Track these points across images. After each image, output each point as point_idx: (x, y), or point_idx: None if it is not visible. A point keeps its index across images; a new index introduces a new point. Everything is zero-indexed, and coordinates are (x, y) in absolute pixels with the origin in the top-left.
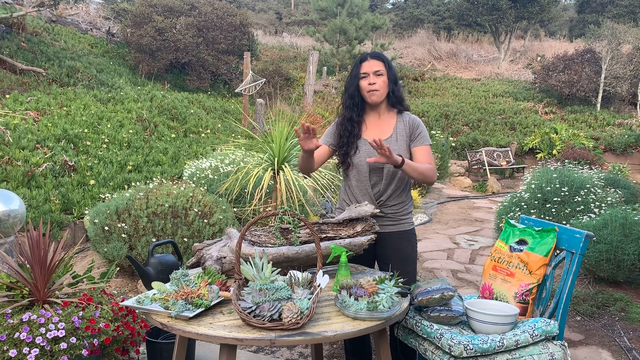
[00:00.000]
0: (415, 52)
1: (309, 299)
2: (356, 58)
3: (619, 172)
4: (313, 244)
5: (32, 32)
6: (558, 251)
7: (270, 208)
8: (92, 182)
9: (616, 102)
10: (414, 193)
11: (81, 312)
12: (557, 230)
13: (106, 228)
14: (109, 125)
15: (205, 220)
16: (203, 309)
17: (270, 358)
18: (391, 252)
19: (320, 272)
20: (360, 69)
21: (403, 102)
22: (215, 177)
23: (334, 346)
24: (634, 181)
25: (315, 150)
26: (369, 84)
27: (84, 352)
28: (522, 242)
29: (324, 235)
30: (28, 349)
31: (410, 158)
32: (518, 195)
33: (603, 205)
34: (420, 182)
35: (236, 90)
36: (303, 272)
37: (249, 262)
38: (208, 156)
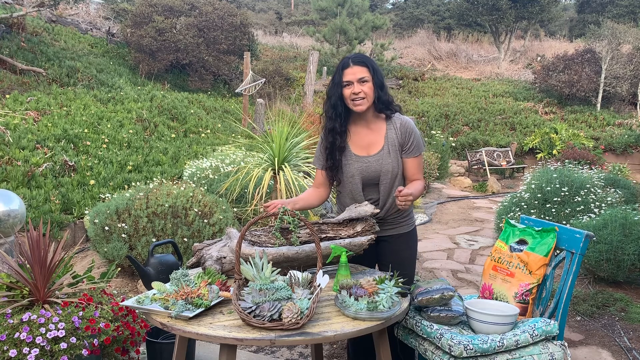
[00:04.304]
0: (415, 52)
1: (309, 299)
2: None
3: (619, 172)
4: (313, 244)
5: (32, 32)
6: (558, 251)
7: None
8: (92, 182)
9: (616, 102)
10: None
11: (81, 312)
12: (557, 230)
13: (106, 228)
14: (109, 125)
15: (205, 220)
16: (203, 309)
17: (270, 358)
18: (389, 254)
19: (320, 272)
20: (342, 76)
21: (391, 106)
22: (216, 177)
23: (334, 346)
24: (634, 181)
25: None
26: (353, 93)
27: (84, 352)
28: (522, 242)
29: (324, 235)
30: (28, 349)
31: (402, 167)
32: (518, 195)
33: (603, 205)
34: None
35: (236, 91)
36: (303, 272)
37: (249, 262)
38: (208, 156)
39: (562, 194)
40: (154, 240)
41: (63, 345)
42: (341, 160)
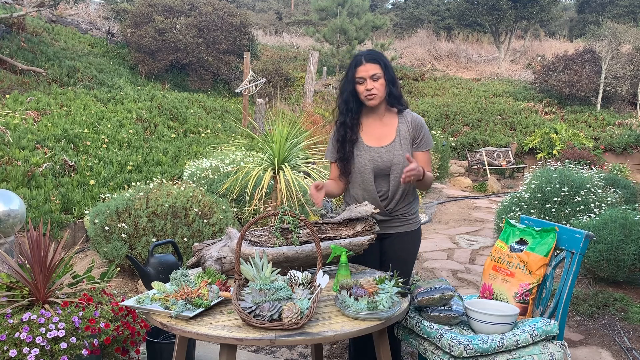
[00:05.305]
0: (415, 52)
1: (309, 299)
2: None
3: (619, 172)
4: (313, 244)
5: (32, 32)
6: (558, 251)
7: (270, 208)
8: (92, 182)
9: (616, 102)
10: None
11: (81, 312)
12: (557, 230)
13: (106, 228)
14: (109, 125)
15: (205, 220)
16: (203, 309)
17: (270, 358)
18: (394, 251)
19: (320, 272)
20: (355, 73)
21: (402, 100)
22: (216, 177)
23: (334, 346)
24: (634, 181)
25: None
26: (367, 90)
27: (84, 352)
28: (522, 242)
29: (324, 235)
30: (28, 349)
31: None
32: (518, 195)
33: (603, 205)
34: (419, 189)
35: (236, 91)
36: (303, 272)
37: (249, 262)
38: (208, 156)
39: (562, 194)
40: (154, 240)
41: (63, 345)
42: (352, 151)
